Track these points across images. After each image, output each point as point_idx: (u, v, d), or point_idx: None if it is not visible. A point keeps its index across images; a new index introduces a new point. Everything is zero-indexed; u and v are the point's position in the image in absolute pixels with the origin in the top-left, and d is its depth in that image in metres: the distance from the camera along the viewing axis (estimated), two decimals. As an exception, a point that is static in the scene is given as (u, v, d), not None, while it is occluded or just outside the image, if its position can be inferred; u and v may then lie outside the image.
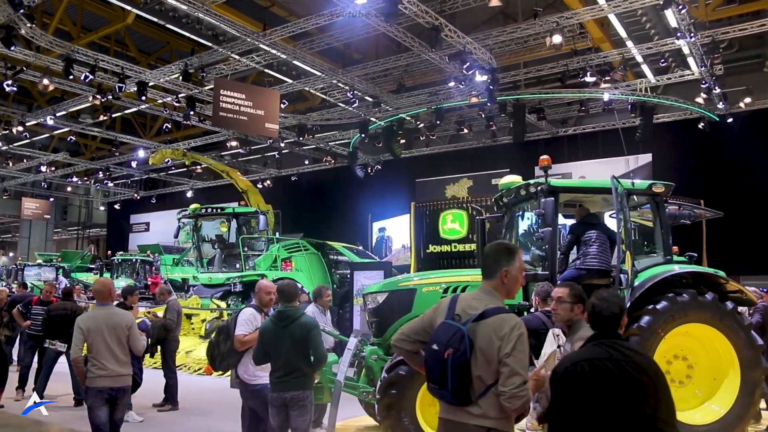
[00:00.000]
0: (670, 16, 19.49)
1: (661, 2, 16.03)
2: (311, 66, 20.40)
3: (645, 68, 21.71)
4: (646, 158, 25.55)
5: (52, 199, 39.31)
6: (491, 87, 18.06)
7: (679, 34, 17.24)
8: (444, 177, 30.01)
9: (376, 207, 28.46)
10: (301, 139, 26.56)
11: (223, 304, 14.60)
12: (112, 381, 5.82)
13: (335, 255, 17.45)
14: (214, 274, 15.92)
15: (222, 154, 31.23)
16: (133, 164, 30.59)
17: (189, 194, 35.96)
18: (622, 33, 20.38)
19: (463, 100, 22.22)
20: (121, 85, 18.63)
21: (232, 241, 16.64)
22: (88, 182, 36.11)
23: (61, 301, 10.12)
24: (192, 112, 20.91)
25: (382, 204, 28.43)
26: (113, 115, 28.13)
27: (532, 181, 7.02)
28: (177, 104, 21.41)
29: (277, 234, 16.73)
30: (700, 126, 23.46)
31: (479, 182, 29.24)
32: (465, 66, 16.49)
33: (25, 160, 32.43)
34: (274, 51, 19.07)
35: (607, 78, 19.88)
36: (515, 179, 7.56)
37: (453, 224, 23.45)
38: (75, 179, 34.96)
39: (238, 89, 16.63)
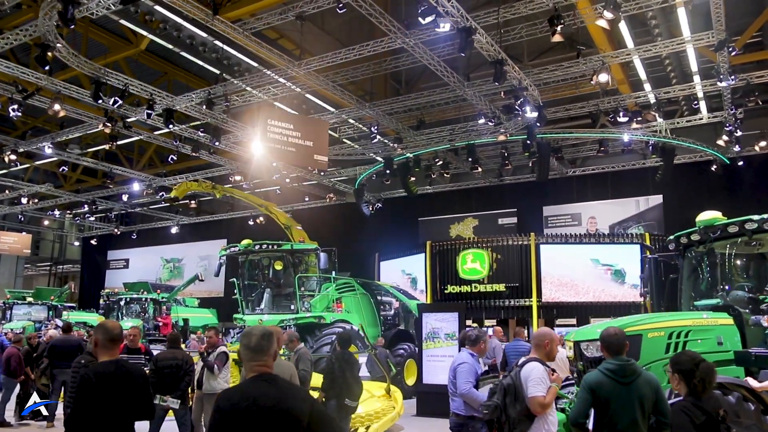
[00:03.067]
0: (692, 61, 19.96)
1: (715, 44, 16.09)
2: (341, 97, 19.76)
3: (656, 111, 21.98)
4: (657, 199, 25.74)
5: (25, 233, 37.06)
6: (538, 124, 17.75)
7: (721, 77, 17.34)
8: (448, 216, 29.60)
9: (379, 246, 27.71)
10: (314, 172, 25.78)
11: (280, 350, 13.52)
12: None
13: (382, 295, 16.65)
14: (266, 316, 14.78)
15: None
16: (124, 197, 29.04)
17: (174, 230, 34.49)
18: (643, 75, 20.70)
19: (489, 137, 21.88)
20: (150, 111, 17.56)
21: (279, 280, 15.60)
22: (69, 215, 34.14)
23: (168, 349, 8.92)
24: (218, 143, 19.96)
25: (386, 243, 27.72)
26: (97, 148, 26.99)
27: (755, 217, 6.53)
28: (202, 134, 20.30)
29: (334, 273, 15.80)
30: (713, 168, 23.78)
31: (485, 221, 28.94)
32: (519, 102, 16.11)
33: (7, 191, 30.43)
34: (309, 82, 18.43)
35: (638, 119, 19.90)
36: (717, 215, 7.07)
37: (473, 264, 22.96)
38: (56, 212, 32.99)
39: (286, 119, 15.84)
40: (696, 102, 21.34)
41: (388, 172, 23.17)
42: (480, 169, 25.50)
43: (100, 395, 4.36)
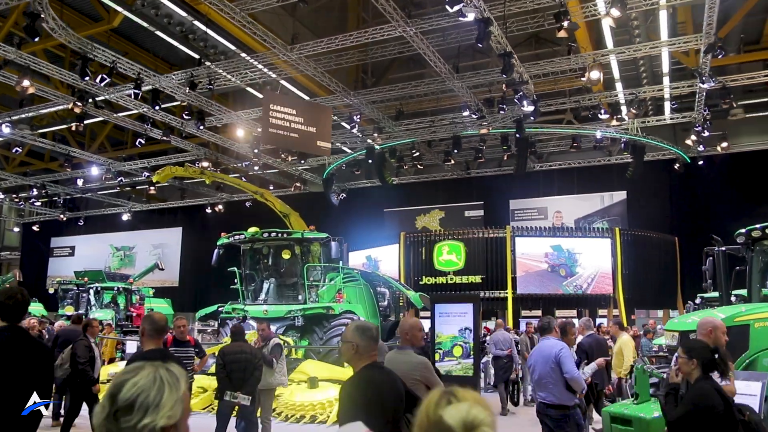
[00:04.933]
0: (665, 63, 20.69)
1: (705, 47, 16.66)
2: (328, 84, 19.41)
3: (636, 109, 22.67)
4: (621, 195, 26.57)
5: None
6: (532, 118, 17.94)
7: (703, 78, 17.98)
8: (415, 207, 29.62)
9: (345, 236, 27.40)
10: (278, 161, 25.26)
11: (290, 340, 13.11)
12: None
13: (380, 286, 16.47)
14: (270, 306, 14.27)
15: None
16: (80, 182, 27.56)
17: (125, 217, 33.04)
18: (617, 75, 21.29)
19: (472, 129, 21.99)
20: (137, 91, 16.68)
21: (283, 269, 15.09)
22: (9, 199, 32.05)
23: (234, 342, 8.36)
24: (201, 126, 19.23)
25: (351, 233, 27.47)
26: (46, 129, 25.57)
27: None
28: (187, 117, 19.49)
29: (342, 263, 15.45)
30: (675, 167, 24.71)
31: (452, 213, 29.14)
32: (518, 95, 16.23)
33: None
34: (298, 67, 18.00)
35: (618, 116, 20.43)
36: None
37: (449, 256, 23.10)
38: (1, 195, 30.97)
39: (289, 104, 15.39)
40: (662, 102, 22.17)
41: (370, 161, 22.93)
42: (453, 162, 25.64)
43: None
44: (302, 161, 23.57)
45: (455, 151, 21.87)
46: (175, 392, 1.63)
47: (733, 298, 13.98)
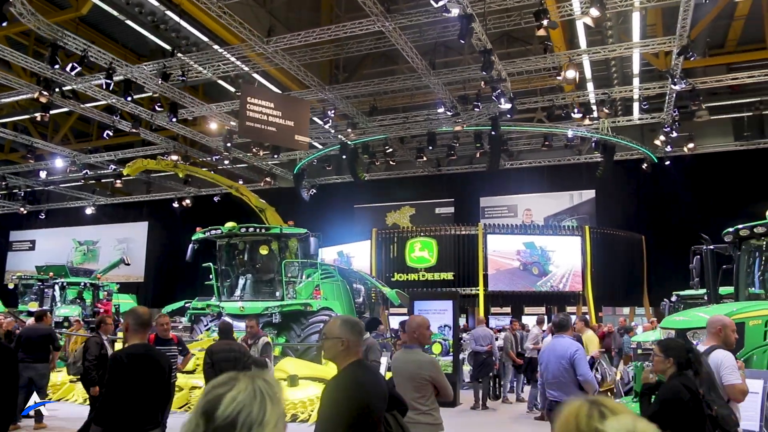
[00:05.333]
0: (635, 64, 21.00)
1: (678, 49, 16.92)
2: (303, 79, 19.18)
3: (609, 109, 22.96)
4: (590, 194, 26.90)
5: None
6: (509, 115, 18.01)
7: (675, 80, 18.28)
8: (385, 204, 29.55)
9: (315, 232, 27.25)
10: (248, 155, 24.94)
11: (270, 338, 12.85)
12: None
13: (356, 282, 16.35)
14: (247, 302, 13.98)
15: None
16: (42, 174, 26.75)
17: (89, 211, 32.19)
18: (588, 75, 21.53)
19: (445, 126, 21.98)
20: (108, 81, 16.22)
21: (258, 265, 14.82)
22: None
23: (222, 340, 8.02)
24: (175, 119, 18.81)
25: (321, 229, 27.24)
26: (6, 119, 24.78)
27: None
28: (159, 109, 19.06)
29: (321, 259, 15.23)
30: (643, 167, 25.11)
31: (422, 210, 29.17)
32: (496, 93, 16.27)
33: None
34: (275, 60, 17.74)
35: (591, 115, 20.66)
36: (788, 210, 7.42)
37: (421, 252, 23.11)
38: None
39: (267, 97, 15.13)
40: (630, 103, 22.51)
41: (344, 157, 22.76)
42: (425, 158, 25.64)
43: (131, 376, 4.51)
44: (275, 156, 23.24)
45: (430, 147, 21.85)
46: (277, 407, 1.49)
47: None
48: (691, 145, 24.00)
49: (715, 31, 21.87)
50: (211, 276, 14.66)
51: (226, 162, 25.22)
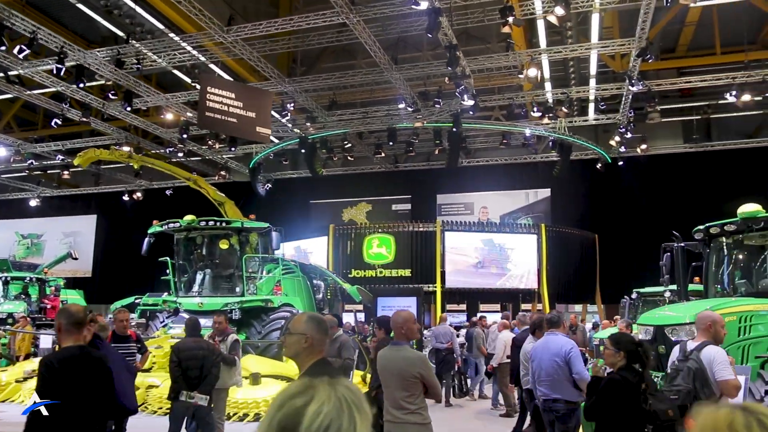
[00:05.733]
0: (593, 65, 21.30)
1: (637, 51, 17.19)
2: (263, 70, 18.81)
3: (568, 108, 23.23)
4: (545, 193, 27.22)
5: None
6: (471, 112, 18.01)
7: (633, 81, 18.59)
8: (341, 200, 29.31)
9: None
10: (203, 148, 24.38)
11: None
12: None
13: (316, 278, 16.08)
14: (205, 298, 13.50)
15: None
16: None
17: (33, 203, 30.94)
18: (547, 74, 21.75)
19: (405, 122, 21.89)
20: (59, 66, 15.52)
21: (218, 260, 14.34)
22: None
23: (189, 338, 7.64)
24: (129, 108, 18.17)
25: (276, 224, 26.87)
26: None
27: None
28: (113, 97, 18.36)
29: (283, 255, 14.86)
30: (597, 167, 25.54)
31: (379, 207, 29.04)
32: (459, 89, 16.25)
33: None
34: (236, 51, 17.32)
35: (550, 114, 20.86)
36: (758, 208, 7.50)
37: (379, 249, 22.98)
38: None
39: (228, 87, 14.70)
40: (586, 104, 22.85)
41: (303, 151, 22.40)
42: (383, 154, 25.51)
43: (65, 383, 3.88)
44: (232, 149, 22.71)
45: (390, 143, 21.71)
46: (366, 419, 1.26)
47: (668, 294, 14.49)
48: (644, 146, 24.51)
49: (666, 36, 22.36)
50: (168, 271, 14.18)
51: (180, 154, 24.56)
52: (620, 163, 25.72)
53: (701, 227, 8.01)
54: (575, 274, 24.54)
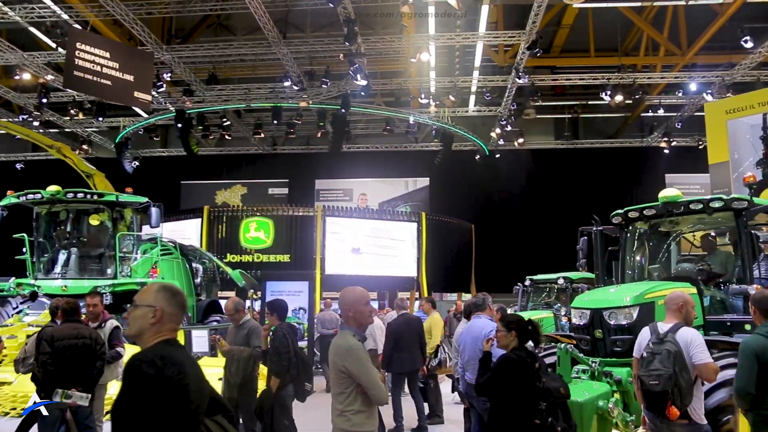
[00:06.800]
0: (477, 56, 21.54)
1: (527, 43, 17.46)
2: (139, 34, 17.21)
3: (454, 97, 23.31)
4: (424, 182, 27.31)
5: None
6: (363, 93, 17.48)
7: (520, 74, 18.91)
8: (215, 181, 27.84)
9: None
10: (64, 118, 22.14)
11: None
12: None
13: (196, 261, 14.84)
14: (70, 281, 11.80)
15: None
16: None
17: None
18: (433, 63, 21.74)
19: (291, 102, 20.99)
20: None
21: (86, 238, 12.62)
22: None
23: (66, 323, 6.35)
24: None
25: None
26: None
27: (725, 197, 7.08)
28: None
29: (161, 233, 13.39)
30: (476, 158, 26.00)
31: (254, 190, 27.91)
32: (354, 67, 15.69)
33: None
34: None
35: (437, 102, 20.83)
36: (678, 193, 7.52)
37: (257, 233, 21.95)
38: None
39: (102, 45, 13.09)
40: (467, 95, 23.12)
41: (180, 125, 20.79)
42: (262, 135, 24.45)
43: None
44: (99, 118, 20.61)
45: (275, 122, 20.66)
46: None
47: (561, 281, 14.74)
48: (521, 140, 25.22)
49: (544, 36, 23.05)
50: (24, 249, 12.43)
51: (36, 123, 22.07)
52: (497, 155, 26.33)
53: (620, 211, 7.97)
54: (453, 263, 24.77)
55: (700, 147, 24.95)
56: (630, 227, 8.07)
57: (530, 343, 4.88)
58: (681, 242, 8.29)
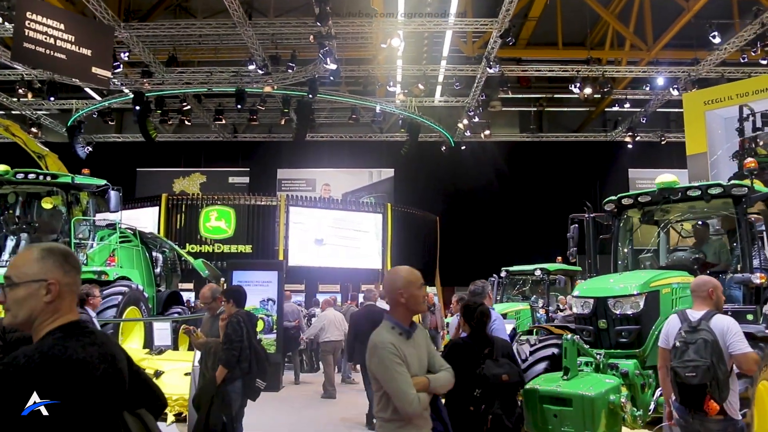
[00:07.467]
0: (446, 45, 21.17)
1: (500, 32, 17.14)
2: (95, 9, 16.27)
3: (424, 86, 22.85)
4: (389, 173, 26.90)
5: None
6: (332, 78, 16.93)
7: (491, 64, 18.60)
8: (172, 169, 26.88)
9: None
10: (10, 98, 20.97)
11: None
12: None
13: (156, 250, 14.06)
14: None
15: None
16: None
17: None
18: (400, 51, 21.29)
19: (256, 86, 20.26)
20: None
21: (37, 223, 11.72)
22: None
23: None
24: None
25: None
26: None
27: (724, 183, 6.82)
28: None
29: (120, 219, 12.56)
30: (442, 149, 25.69)
31: (214, 178, 27.10)
32: (324, 50, 15.14)
33: None
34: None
35: (406, 90, 20.41)
36: (675, 179, 7.23)
37: (218, 222, 21.29)
38: None
39: (56, 16, 12.18)
40: (434, 85, 22.75)
41: (137, 108, 19.83)
42: (223, 121, 23.66)
43: None
44: (51, 98, 19.48)
45: (238, 106, 19.88)
46: None
47: (538, 272, 14.47)
48: (487, 132, 24.98)
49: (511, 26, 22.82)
50: (-31, 234, 11.51)
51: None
52: (463, 147, 26.07)
53: (613, 198, 7.67)
54: (418, 255, 24.43)
55: (663, 143, 25.17)
56: (623, 214, 7.77)
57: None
58: (673, 232, 8.04)
